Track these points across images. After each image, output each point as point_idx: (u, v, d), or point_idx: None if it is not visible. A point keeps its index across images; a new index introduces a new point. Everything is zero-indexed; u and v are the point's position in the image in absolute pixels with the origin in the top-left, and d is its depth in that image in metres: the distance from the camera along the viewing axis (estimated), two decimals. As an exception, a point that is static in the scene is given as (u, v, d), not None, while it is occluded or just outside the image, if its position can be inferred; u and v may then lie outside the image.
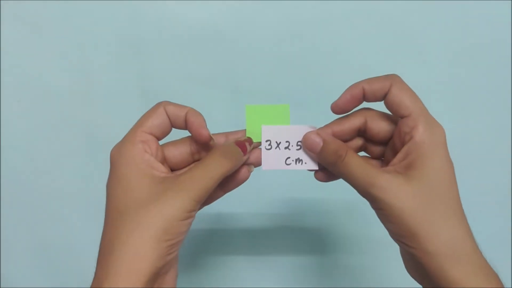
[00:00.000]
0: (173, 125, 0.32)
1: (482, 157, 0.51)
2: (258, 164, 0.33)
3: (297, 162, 0.33)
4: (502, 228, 0.51)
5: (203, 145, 0.32)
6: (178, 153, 0.32)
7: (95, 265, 0.30)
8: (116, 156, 0.30)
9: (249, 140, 0.32)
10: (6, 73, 0.50)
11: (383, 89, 0.30)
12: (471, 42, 0.50)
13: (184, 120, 0.31)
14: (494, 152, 0.51)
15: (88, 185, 0.51)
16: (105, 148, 0.51)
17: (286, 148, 0.33)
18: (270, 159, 0.33)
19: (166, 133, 0.32)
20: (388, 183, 0.27)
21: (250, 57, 0.50)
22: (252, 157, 0.32)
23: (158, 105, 0.32)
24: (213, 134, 0.32)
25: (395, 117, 0.31)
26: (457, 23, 0.50)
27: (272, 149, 0.33)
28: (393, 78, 0.30)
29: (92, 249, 0.51)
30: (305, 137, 0.32)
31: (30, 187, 0.51)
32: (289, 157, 0.33)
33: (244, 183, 0.32)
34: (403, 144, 0.29)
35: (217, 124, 0.50)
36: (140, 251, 0.26)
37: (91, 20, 0.50)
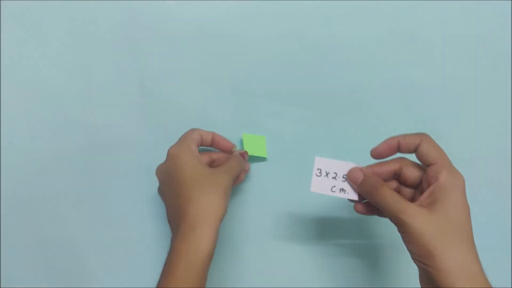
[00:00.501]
0: (202, 143, 0.46)
1: (482, 157, 0.51)
2: (247, 171, 0.49)
3: (341, 191, 0.39)
4: (502, 228, 0.51)
5: (222, 155, 0.48)
6: (205, 160, 0.45)
7: (174, 224, 0.39)
8: (177, 152, 0.41)
9: (246, 152, 0.48)
10: (6, 73, 0.50)
11: (414, 143, 0.37)
12: (471, 42, 0.50)
13: (211, 138, 0.46)
14: (494, 151, 0.51)
15: (88, 185, 0.51)
16: (105, 148, 0.51)
17: (333, 178, 0.39)
18: (319, 184, 0.40)
19: (198, 146, 0.45)
20: (415, 212, 0.34)
21: (250, 56, 0.50)
22: (247, 167, 0.49)
23: (193, 129, 0.45)
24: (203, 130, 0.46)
25: (424, 167, 0.38)
26: (457, 23, 0.50)
27: (321, 176, 0.40)
28: (423, 135, 0.38)
29: (92, 249, 0.51)
30: (351, 170, 0.39)
31: (30, 187, 0.51)
32: (334, 186, 0.39)
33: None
34: (429, 185, 0.36)
35: (217, 123, 0.51)
36: (217, 201, 0.39)
37: (91, 20, 0.50)
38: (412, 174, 0.38)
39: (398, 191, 0.40)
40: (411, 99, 0.51)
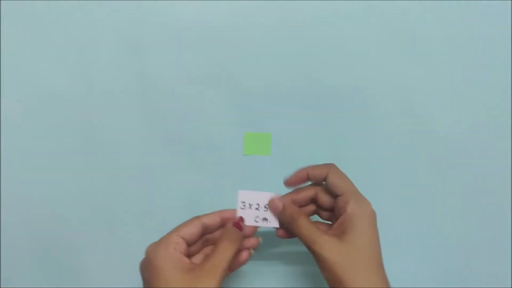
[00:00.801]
0: (208, 230, 0.41)
1: (482, 157, 0.51)
2: (254, 248, 0.41)
3: (264, 220, 0.42)
4: (502, 228, 0.51)
5: (212, 226, 0.41)
6: (193, 232, 0.40)
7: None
8: (152, 253, 0.37)
9: (241, 219, 0.41)
10: (6, 73, 0.50)
11: (322, 175, 0.40)
12: (471, 42, 0.50)
13: (219, 220, 0.41)
14: (494, 151, 0.51)
15: (88, 185, 0.51)
16: (105, 148, 0.51)
17: (256, 209, 0.42)
18: (244, 216, 0.41)
19: (195, 240, 0.40)
20: (326, 243, 0.37)
21: (250, 56, 0.50)
22: (250, 242, 0.41)
23: (194, 218, 0.40)
24: (205, 214, 0.40)
25: (334, 196, 0.40)
26: (457, 23, 0.50)
27: (245, 208, 0.42)
28: (330, 166, 0.40)
29: (92, 249, 0.51)
30: (271, 201, 0.42)
31: (30, 187, 0.51)
32: (258, 216, 0.42)
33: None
34: (340, 214, 0.39)
35: (217, 124, 0.51)
36: None
37: (91, 20, 0.50)
38: (325, 200, 0.41)
39: (317, 213, 0.43)
40: (411, 99, 0.51)
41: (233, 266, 0.40)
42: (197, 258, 0.41)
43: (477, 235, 0.51)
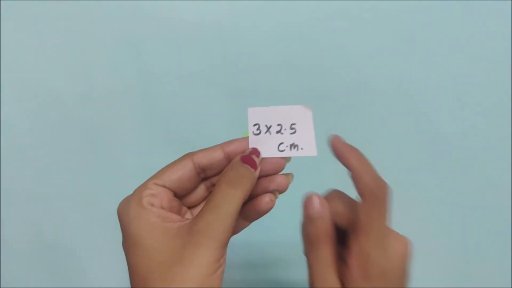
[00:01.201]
0: (207, 172, 0.29)
1: (482, 157, 0.51)
2: (283, 190, 0.28)
3: (292, 147, 0.28)
4: (502, 228, 0.51)
5: (207, 166, 0.29)
6: (180, 177, 0.28)
7: None
8: (124, 215, 0.27)
9: (255, 151, 0.27)
10: (6, 73, 0.50)
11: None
12: (471, 42, 0.50)
13: (222, 157, 0.28)
14: (494, 151, 0.51)
15: (88, 185, 0.51)
16: (105, 147, 0.51)
17: (278, 132, 0.28)
18: (259, 146, 0.28)
19: (188, 188, 0.28)
20: None
21: (250, 56, 0.50)
22: (275, 182, 0.28)
23: (185, 155, 0.28)
24: (204, 149, 0.29)
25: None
26: (457, 23, 0.50)
27: (261, 133, 0.28)
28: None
29: (92, 249, 0.51)
30: (308, 197, 0.28)
31: (30, 187, 0.51)
32: (282, 143, 0.28)
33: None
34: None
35: (217, 124, 0.51)
36: None
37: (91, 20, 0.50)
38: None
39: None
40: (411, 99, 0.51)
41: (249, 216, 0.29)
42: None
43: (477, 235, 0.51)
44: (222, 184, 0.26)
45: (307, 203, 0.27)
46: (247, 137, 0.28)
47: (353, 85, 0.50)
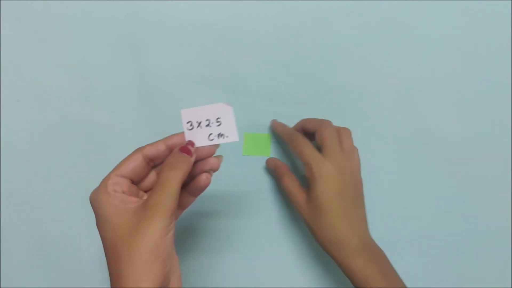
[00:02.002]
0: (154, 161, 0.37)
1: (482, 157, 0.51)
2: (215, 169, 0.37)
3: (219, 136, 0.36)
4: (502, 228, 0.51)
5: (154, 156, 0.36)
6: (134, 168, 0.36)
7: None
8: (94, 201, 0.34)
9: (190, 142, 0.36)
10: (6, 73, 0.50)
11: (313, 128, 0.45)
12: (471, 42, 0.50)
13: (165, 148, 0.36)
14: (494, 151, 0.51)
15: (88, 185, 0.51)
16: (105, 148, 0.51)
17: (207, 126, 0.36)
18: (194, 138, 0.36)
19: (141, 175, 0.36)
20: (300, 200, 0.43)
21: (250, 56, 0.50)
22: (208, 164, 0.37)
23: (136, 150, 0.36)
24: (150, 144, 0.36)
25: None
26: (457, 23, 0.50)
27: (194, 128, 0.36)
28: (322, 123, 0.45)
29: (92, 249, 0.51)
30: (268, 160, 0.49)
31: (30, 187, 0.51)
32: (211, 133, 0.36)
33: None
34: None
35: (217, 124, 0.51)
36: (139, 275, 0.30)
37: (91, 20, 0.50)
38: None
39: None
40: (410, 99, 0.51)
41: (193, 192, 0.37)
42: None
43: (477, 235, 0.51)
44: (165, 168, 0.34)
45: (268, 163, 0.49)
46: (183, 132, 0.36)
47: (352, 85, 0.50)
